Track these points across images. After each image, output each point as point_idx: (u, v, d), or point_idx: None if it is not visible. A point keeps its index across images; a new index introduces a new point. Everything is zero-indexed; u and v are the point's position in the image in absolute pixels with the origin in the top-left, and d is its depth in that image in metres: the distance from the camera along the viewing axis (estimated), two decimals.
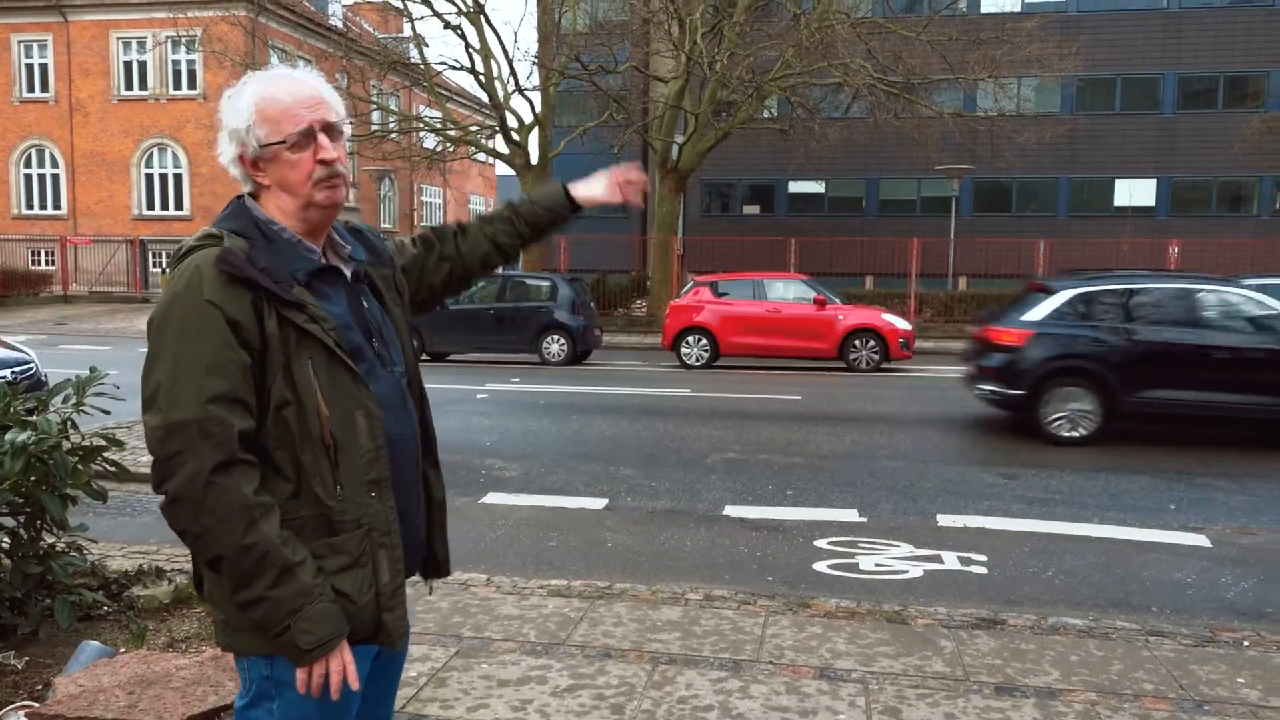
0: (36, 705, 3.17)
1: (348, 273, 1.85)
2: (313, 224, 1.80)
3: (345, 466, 1.71)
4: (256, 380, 1.67)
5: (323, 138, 1.75)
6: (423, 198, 42.83)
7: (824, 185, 31.13)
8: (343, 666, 1.68)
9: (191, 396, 1.61)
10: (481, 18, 23.60)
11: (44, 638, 3.80)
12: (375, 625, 1.75)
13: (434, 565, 2.04)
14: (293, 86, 1.77)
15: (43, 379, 8.52)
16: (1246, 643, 4.21)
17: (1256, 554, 5.85)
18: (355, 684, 1.70)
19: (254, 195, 1.81)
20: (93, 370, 3.90)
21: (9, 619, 3.78)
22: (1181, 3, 28.64)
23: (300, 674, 1.67)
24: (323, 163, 1.75)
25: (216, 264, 1.66)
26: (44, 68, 32.42)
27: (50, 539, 3.91)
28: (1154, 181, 29.24)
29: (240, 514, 1.61)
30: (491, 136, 26.34)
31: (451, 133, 25.20)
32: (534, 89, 25.26)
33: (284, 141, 1.74)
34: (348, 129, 1.84)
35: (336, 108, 1.80)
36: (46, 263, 31.92)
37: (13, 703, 3.28)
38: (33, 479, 3.63)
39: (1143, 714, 3.48)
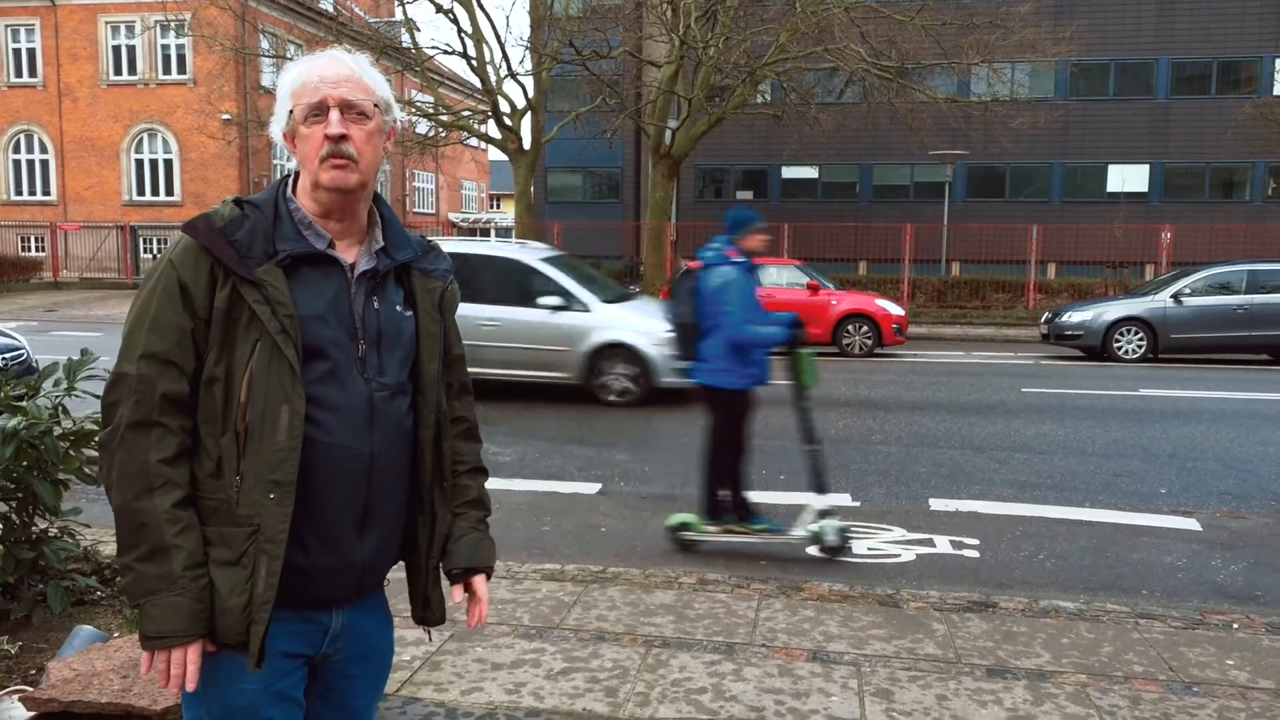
0: (30, 689, 3.17)
1: (362, 266, 1.76)
2: (325, 205, 1.74)
3: (252, 459, 1.63)
4: (198, 349, 1.66)
5: (334, 114, 1.70)
6: (414, 183, 42.70)
7: (817, 171, 31.09)
8: (183, 667, 1.62)
9: (134, 351, 1.64)
10: (473, 1, 23.46)
11: (37, 623, 3.80)
12: (245, 633, 1.64)
13: (424, 605, 1.92)
14: (327, 65, 1.74)
15: (34, 365, 8.49)
16: (1235, 625, 4.24)
17: (1246, 538, 5.88)
18: (190, 686, 1.63)
19: (298, 172, 1.80)
20: (84, 352, 3.88)
21: (2, 604, 3.77)
22: None
23: (144, 656, 1.65)
24: (329, 139, 1.69)
25: (185, 227, 1.69)
26: (31, 52, 32.17)
27: (43, 524, 3.90)
28: (1147, 167, 29.26)
29: (136, 477, 1.61)
30: (484, 121, 26.23)
31: (444, 118, 25.09)
32: (526, 74, 25.16)
33: (294, 111, 1.73)
34: (387, 116, 1.78)
35: (371, 90, 1.74)
36: (37, 249, 31.77)
37: (6, 687, 3.28)
38: (24, 464, 3.62)
39: (1133, 695, 3.51)
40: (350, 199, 1.75)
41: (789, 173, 31.23)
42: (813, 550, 5.47)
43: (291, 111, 1.73)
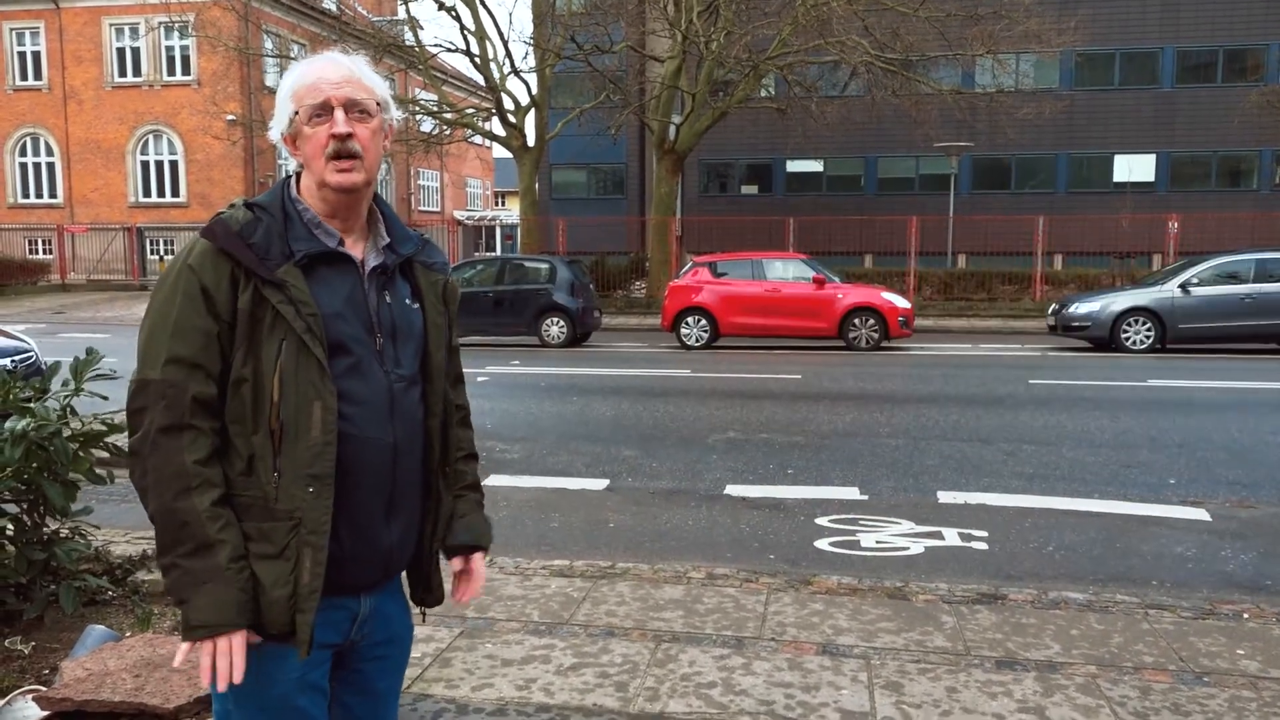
0: (44, 689, 3.19)
1: (372, 262, 1.81)
2: (332, 205, 1.77)
3: (288, 455, 1.68)
4: (223, 352, 1.69)
5: (338, 114, 1.73)
6: (419, 181, 42.73)
7: (822, 164, 31.05)
8: (229, 657, 1.65)
9: (158, 357, 1.67)
10: None
11: (49, 623, 3.82)
12: (288, 624, 1.69)
13: (425, 588, 1.98)
14: (327, 66, 1.77)
15: (42, 367, 8.51)
16: (1246, 615, 4.23)
17: (1256, 527, 5.87)
18: (237, 679, 1.65)
19: (300, 173, 1.83)
20: (90, 351, 3.89)
21: (14, 604, 3.79)
22: None
23: (184, 646, 1.67)
24: (334, 138, 1.72)
25: (203, 232, 1.72)
26: (36, 55, 32.30)
27: (54, 525, 3.92)
28: (1153, 157, 29.15)
29: (174, 479, 1.64)
30: (488, 119, 26.26)
31: (447, 116, 25.12)
32: (530, 71, 25.21)
33: (298, 113, 1.76)
34: (387, 115, 1.81)
35: (371, 90, 1.78)
36: (44, 251, 31.90)
37: (20, 687, 3.30)
38: (34, 465, 3.63)
39: (1143, 686, 3.50)
40: (356, 198, 1.79)
41: (794, 167, 31.20)
42: (821, 544, 5.44)
43: (296, 114, 1.76)
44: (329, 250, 1.76)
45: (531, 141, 24.81)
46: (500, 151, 35.76)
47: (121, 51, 31.71)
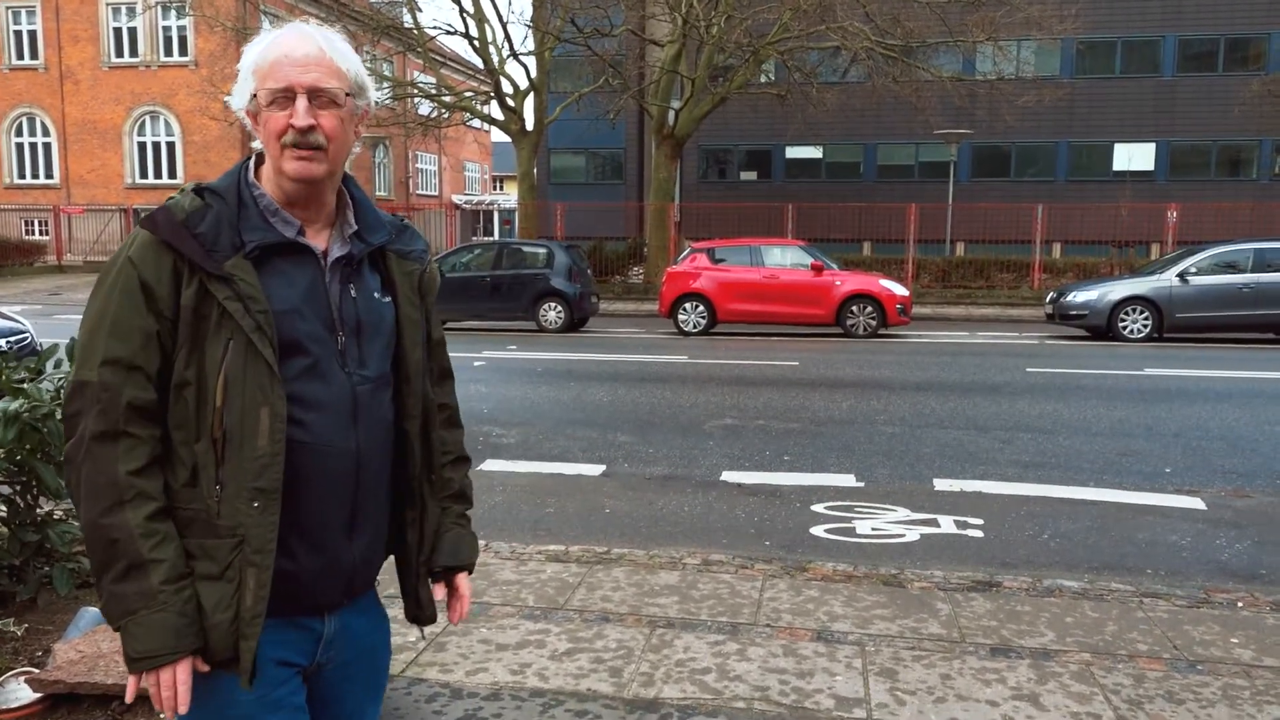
0: (37, 671, 3.18)
1: (336, 253, 1.65)
2: (289, 194, 1.61)
3: (232, 466, 1.53)
4: (165, 352, 1.54)
5: (301, 102, 1.56)
6: (418, 164, 42.57)
7: (821, 151, 30.95)
8: (173, 686, 1.51)
9: (94, 357, 1.53)
10: None
11: (43, 605, 3.81)
12: (231, 649, 1.54)
13: (416, 603, 1.83)
14: (296, 44, 1.59)
15: (37, 349, 8.49)
16: (1240, 604, 4.24)
17: (1251, 516, 5.87)
18: (182, 709, 1.52)
19: (262, 154, 1.66)
20: None
21: (8, 586, 3.78)
22: None
23: (130, 679, 1.54)
24: (295, 129, 1.56)
25: (143, 221, 1.57)
26: (32, 34, 32.10)
27: (47, 506, 3.91)
28: (1153, 145, 29.09)
29: (105, 492, 1.50)
30: (486, 102, 26.16)
31: (446, 99, 25.01)
32: (529, 54, 25.08)
33: (256, 96, 1.60)
34: (360, 100, 1.65)
35: (342, 74, 1.61)
36: (40, 232, 31.80)
37: (13, 669, 3.30)
38: (27, 447, 3.62)
39: (1137, 674, 3.51)
40: (317, 188, 1.64)
41: (793, 153, 31.10)
42: (816, 530, 5.46)
43: (255, 95, 1.60)
44: (284, 240, 1.60)
45: (530, 126, 24.71)
46: (499, 135, 35.66)
47: (118, 31, 31.52)
